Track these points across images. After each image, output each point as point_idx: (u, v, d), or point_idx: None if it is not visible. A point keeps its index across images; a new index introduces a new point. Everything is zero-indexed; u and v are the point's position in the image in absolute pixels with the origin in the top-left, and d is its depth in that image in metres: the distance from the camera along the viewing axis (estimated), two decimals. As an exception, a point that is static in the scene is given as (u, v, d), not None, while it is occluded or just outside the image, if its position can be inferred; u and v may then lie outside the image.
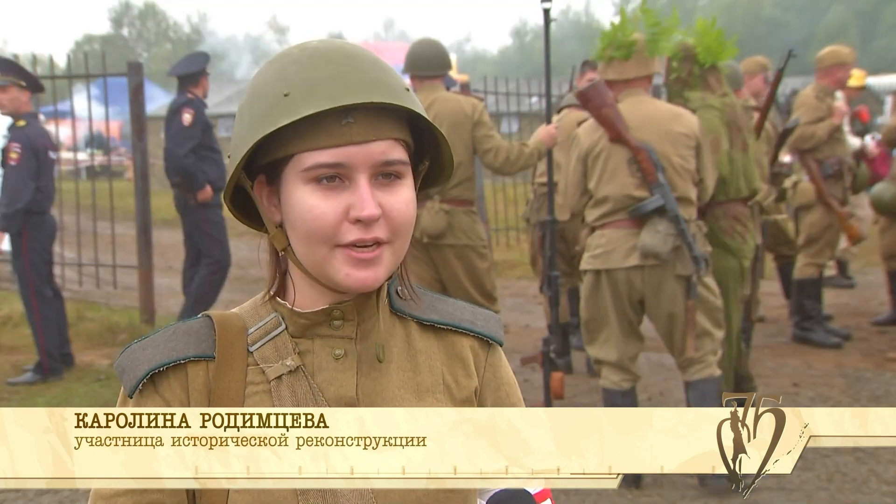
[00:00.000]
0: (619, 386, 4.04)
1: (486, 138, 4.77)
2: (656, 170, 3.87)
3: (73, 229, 8.35)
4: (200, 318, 1.14)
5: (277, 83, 1.05)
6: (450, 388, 1.17)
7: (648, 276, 3.90)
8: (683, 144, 3.96)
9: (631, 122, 3.94)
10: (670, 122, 3.97)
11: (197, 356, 1.10)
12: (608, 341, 4.04)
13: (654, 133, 3.94)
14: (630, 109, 3.99)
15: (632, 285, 3.92)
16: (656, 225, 3.83)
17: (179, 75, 6.55)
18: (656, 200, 3.84)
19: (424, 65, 4.88)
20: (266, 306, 1.15)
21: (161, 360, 1.09)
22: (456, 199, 4.76)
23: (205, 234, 6.45)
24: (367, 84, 1.03)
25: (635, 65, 4.04)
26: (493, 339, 1.22)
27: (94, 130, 10.28)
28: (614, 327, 4.00)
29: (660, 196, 3.84)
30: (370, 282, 1.07)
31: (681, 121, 3.99)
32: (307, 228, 1.05)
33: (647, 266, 3.87)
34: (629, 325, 4.02)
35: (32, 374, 5.80)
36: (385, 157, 1.05)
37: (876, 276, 7.30)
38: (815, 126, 6.18)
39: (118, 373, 1.12)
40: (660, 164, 3.89)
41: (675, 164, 3.93)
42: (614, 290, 3.95)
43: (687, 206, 3.95)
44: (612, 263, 3.93)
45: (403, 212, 1.07)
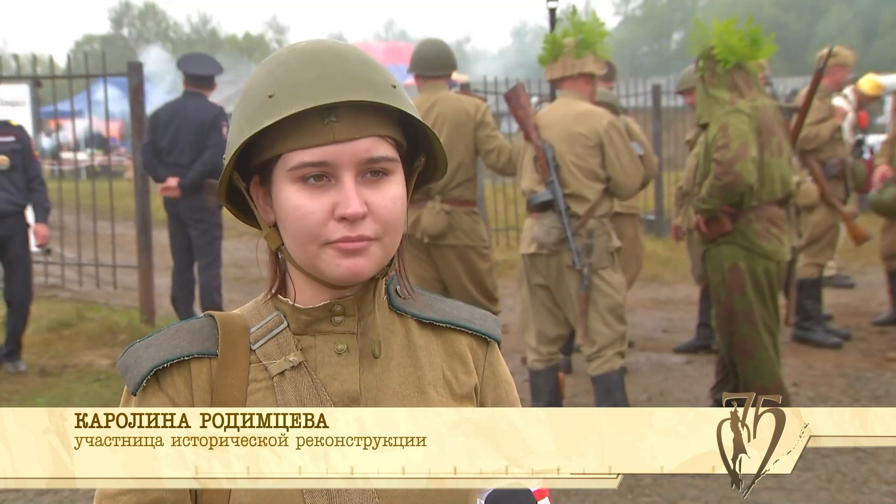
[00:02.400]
0: (532, 365, 4.43)
1: (489, 139, 4.78)
2: (549, 168, 4.22)
3: (73, 229, 8.36)
4: (203, 318, 1.15)
5: (264, 85, 1.06)
6: (450, 384, 1.18)
7: (545, 264, 4.30)
8: (580, 144, 4.23)
9: (543, 122, 4.33)
10: (573, 123, 4.26)
11: (201, 353, 1.11)
12: (526, 323, 4.45)
13: (556, 133, 4.27)
14: (550, 110, 4.41)
15: (536, 269, 4.34)
16: (545, 218, 4.24)
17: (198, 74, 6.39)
18: (544, 195, 4.23)
19: (428, 65, 4.89)
20: (267, 305, 1.16)
21: (165, 357, 1.10)
22: (457, 200, 4.76)
23: (217, 234, 6.47)
24: (350, 82, 1.03)
25: (560, 66, 4.37)
26: (492, 338, 1.23)
27: (93, 130, 10.29)
28: (529, 308, 4.42)
29: (549, 192, 4.21)
30: (360, 270, 1.07)
31: (584, 122, 4.25)
32: (295, 228, 1.06)
33: (542, 254, 4.28)
34: (543, 307, 4.38)
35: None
36: (370, 155, 1.05)
37: (876, 276, 7.30)
38: (817, 127, 6.18)
39: (121, 371, 1.12)
40: (553, 163, 4.22)
41: (569, 163, 4.23)
42: (527, 274, 4.40)
43: (580, 203, 4.22)
44: (522, 249, 4.43)
45: (391, 209, 1.07)
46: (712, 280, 4.42)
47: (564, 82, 4.40)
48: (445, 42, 5.15)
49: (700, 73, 4.37)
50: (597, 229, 4.22)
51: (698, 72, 4.39)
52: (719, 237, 4.32)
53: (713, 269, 4.39)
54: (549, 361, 4.41)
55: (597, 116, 4.28)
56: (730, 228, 4.28)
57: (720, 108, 4.26)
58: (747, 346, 4.34)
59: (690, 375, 5.76)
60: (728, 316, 4.35)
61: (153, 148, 6.36)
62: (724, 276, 4.32)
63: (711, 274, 4.42)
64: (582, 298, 4.20)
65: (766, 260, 4.32)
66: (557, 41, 4.35)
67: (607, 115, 4.33)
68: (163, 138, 6.33)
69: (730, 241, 4.30)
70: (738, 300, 4.31)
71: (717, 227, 4.30)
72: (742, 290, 4.29)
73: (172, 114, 6.37)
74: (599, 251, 4.21)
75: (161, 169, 6.32)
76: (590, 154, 4.23)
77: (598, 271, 4.21)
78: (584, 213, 4.20)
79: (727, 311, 4.35)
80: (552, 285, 4.32)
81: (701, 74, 4.36)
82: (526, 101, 4.35)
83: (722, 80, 4.29)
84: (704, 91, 4.36)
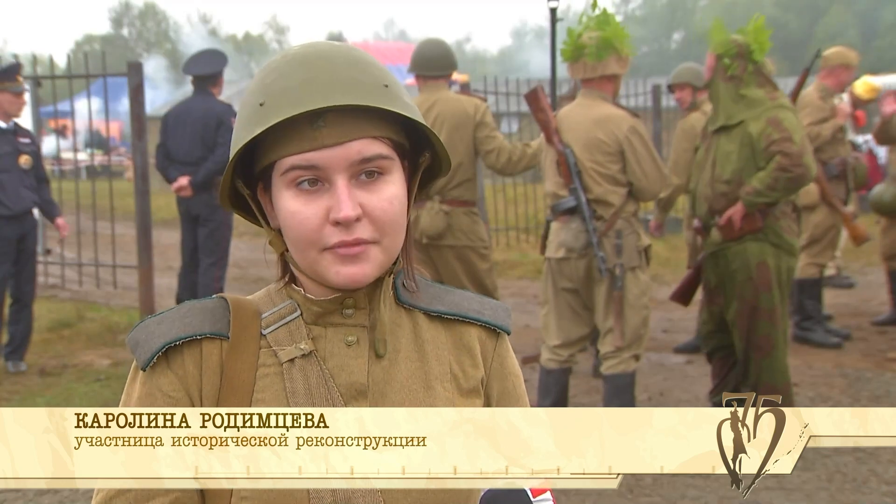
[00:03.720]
0: (546, 364, 4.41)
1: (489, 139, 4.77)
2: (571, 174, 4.19)
3: (73, 229, 8.35)
4: (215, 299, 1.15)
5: (256, 93, 1.07)
6: (457, 378, 1.17)
7: (574, 267, 4.27)
8: (600, 150, 4.19)
9: (564, 125, 4.28)
10: (593, 129, 4.21)
11: (213, 333, 1.11)
12: (548, 324, 4.43)
13: (576, 138, 4.23)
14: (569, 112, 4.33)
15: (564, 274, 4.32)
16: (570, 223, 4.23)
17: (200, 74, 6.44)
18: (569, 201, 4.21)
19: (428, 65, 4.88)
20: (280, 293, 1.16)
21: (178, 335, 1.09)
22: (456, 200, 4.76)
23: (224, 235, 6.51)
24: (338, 86, 1.03)
25: (581, 68, 4.30)
26: (501, 329, 1.22)
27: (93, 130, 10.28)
28: (553, 311, 4.39)
29: (573, 198, 4.20)
30: (359, 277, 1.07)
31: (604, 127, 4.19)
32: (294, 234, 1.07)
33: (571, 258, 4.25)
34: (570, 310, 4.37)
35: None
36: (361, 156, 1.05)
37: (876, 276, 7.30)
38: (819, 126, 6.17)
39: (131, 346, 1.11)
40: (575, 169, 4.19)
41: (589, 169, 4.20)
42: (553, 278, 4.37)
43: (605, 207, 4.20)
44: (550, 253, 4.37)
45: (387, 209, 1.06)
46: (737, 277, 4.32)
47: (589, 82, 4.31)
48: (446, 42, 5.15)
49: (730, 73, 4.27)
50: (625, 229, 4.20)
51: (728, 71, 4.28)
52: (748, 234, 4.27)
53: (739, 267, 4.30)
54: (564, 363, 4.39)
55: (616, 121, 4.20)
56: (761, 225, 4.25)
57: (758, 106, 4.22)
58: (765, 344, 4.32)
59: (690, 375, 5.76)
60: (750, 313, 4.31)
61: (164, 149, 6.48)
62: (752, 274, 4.27)
63: (736, 272, 4.32)
64: (617, 299, 4.18)
65: (789, 257, 4.34)
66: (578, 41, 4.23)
67: (627, 119, 4.23)
68: (172, 138, 6.43)
69: (760, 238, 4.26)
70: (765, 298, 4.29)
71: (750, 224, 4.25)
72: (769, 287, 4.28)
73: (179, 114, 6.47)
74: (629, 250, 4.19)
75: (171, 169, 6.40)
76: (610, 160, 4.18)
77: (630, 271, 4.20)
78: (609, 216, 4.18)
79: (750, 309, 4.31)
80: (581, 288, 4.30)
81: (731, 74, 4.28)
82: (546, 103, 4.30)
83: (752, 78, 4.27)
84: (735, 91, 4.28)
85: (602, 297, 4.24)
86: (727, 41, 4.28)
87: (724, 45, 4.27)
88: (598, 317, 4.30)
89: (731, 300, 4.39)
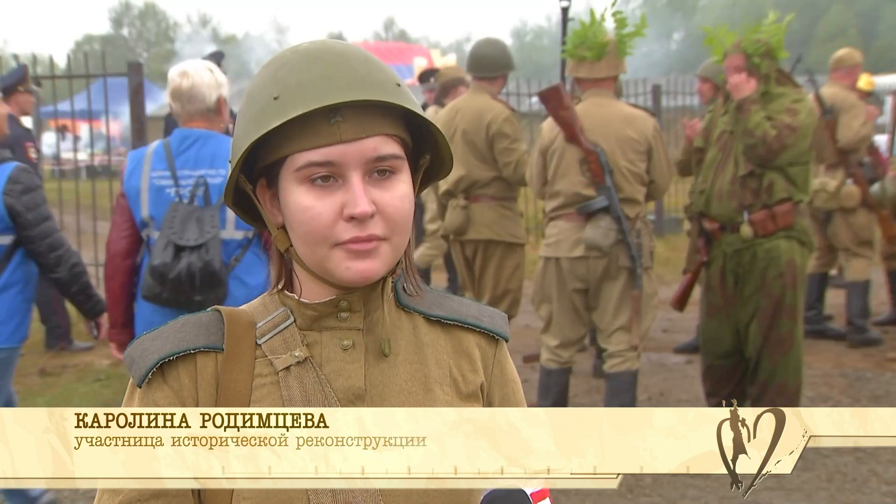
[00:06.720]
0: (546, 364, 4.40)
1: (507, 151, 4.74)
2: (604, 172, 4.11)
3: (74, 229, 8.35)
4: (209, 312, 1.15)
5: (268, 87, 1.06)
6: (456, 382, 1.17)
7: (592, 266, 4.20)
8: (633, 149, 4.17)
9: (587, 123, 4.17)
10: (623, 127, 4.16)
11: (207, 347, 1.11)
12: (549, 325, 4.40)
13: (606, 136, 4.15)
14: (588, 111, 4.21)
15: (576, 274, 4.24)
16: (599, 221, 4.13)
17: None
18: (601, 201, 4.12)
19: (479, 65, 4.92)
20: (274, 301, 1.16)
21: (171, 350, 1.09)
22: (482, 196, 4.82)
23: None
24: (355, 82, 1.03)
25: (606, 66, 4.21)
26: (500, 336, 1.23)
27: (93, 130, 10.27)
28: (556, 311, 4.35)
29: (605, 198, 4.12)
30: (370, 273, 1.07)
31: (634, 125, 4.17)
32: (305, 229, 1.06)
33: (591, 257, 4.17)
34: (573, 311, 4.34)
35: None
36: (376, 154, 1.05)
37: (876, 276, 7.29)
38: (866, 127, 6.16)
39: (127, 363, 1.12)
40: (608, 167, 4.12)
41: (623, 168, 4.15)
42: (560, 277, 4.30)
43: (633, 206, 4.19)
44: (560, 252, 4.26)
45: (399, 207, 1.07)
46: (768, 273, 4.27)
47: (599, 81, 4.24)
48: (501, 42, 5.14)
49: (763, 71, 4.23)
50: (643, 230, 4.24)
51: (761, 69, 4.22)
52: (781, 230, 4.26)
53: (770, 263, 4.27)
54: (564, 363, 4.40)
55: (643, 120, 4.22)
56: (792, 222, 4.26)
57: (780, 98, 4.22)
58: (785, 342, 4.31)
59: (690, 375, 5.75)
60: (774, 311, 4.30)
61: None
62: (782, 270, 4.27)
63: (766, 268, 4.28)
64: (636, 298, 4.18)
65: (809, 256, 4.41)
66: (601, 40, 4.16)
67: (649, 118, 4.28)
68: None
69: (791, 235, 4.28)
70: (790, 295, 4.29)
71: (785, 220, 4.24)
72: (795, 285, 4.29)
73: None
74: (646, 251, 4.23)
75: None
76: (639, 158, 4.19)
77: (645, 271, 4.22)
78: (633, 216, 4.19)
79: (775, 306, 4.29)
80: (593, 287, 4.26)
81: (767, 73, 4.24)
82: (569, 100, 4.18)
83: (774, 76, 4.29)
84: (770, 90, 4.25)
85: (615, 296, 4.21)
86: (754, 40, 4.24)
87: (753, 45, 4.22)
88: (606, 316, 4.28)
89: (751, 297, 4.35)
